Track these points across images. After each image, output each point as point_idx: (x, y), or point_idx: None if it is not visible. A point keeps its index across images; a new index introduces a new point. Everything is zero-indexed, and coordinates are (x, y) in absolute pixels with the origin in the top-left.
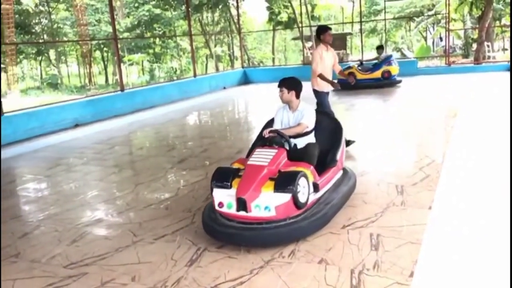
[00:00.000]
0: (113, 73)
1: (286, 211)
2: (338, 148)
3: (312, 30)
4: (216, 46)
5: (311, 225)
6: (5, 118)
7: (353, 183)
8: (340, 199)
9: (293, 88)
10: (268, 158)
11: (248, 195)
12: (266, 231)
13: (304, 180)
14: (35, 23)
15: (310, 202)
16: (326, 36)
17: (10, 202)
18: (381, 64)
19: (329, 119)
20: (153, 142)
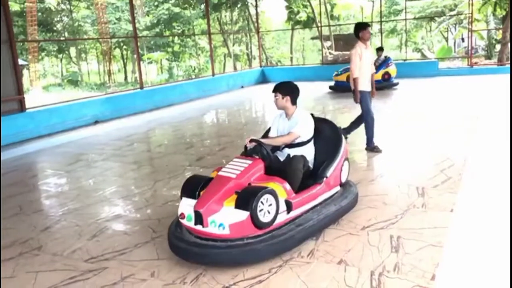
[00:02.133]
0: (132, 71)
1: (242, 231)
2: (331, 163)
3: (331, 30)
4: (234, 45)
5: (268, 249)
6: (27, 114)
7: (347, 203)
8: (321, 220)
9: (288, 94)
10: (239, 170)
11: (206, 209)
12: (216, 250)
13: (271, 197)
14: (56, 21)
15: (281, 221)
16: (365, 34)
17: (32, 196)
18: (381, 66)
19: (330, 129)
20: (172, 139)
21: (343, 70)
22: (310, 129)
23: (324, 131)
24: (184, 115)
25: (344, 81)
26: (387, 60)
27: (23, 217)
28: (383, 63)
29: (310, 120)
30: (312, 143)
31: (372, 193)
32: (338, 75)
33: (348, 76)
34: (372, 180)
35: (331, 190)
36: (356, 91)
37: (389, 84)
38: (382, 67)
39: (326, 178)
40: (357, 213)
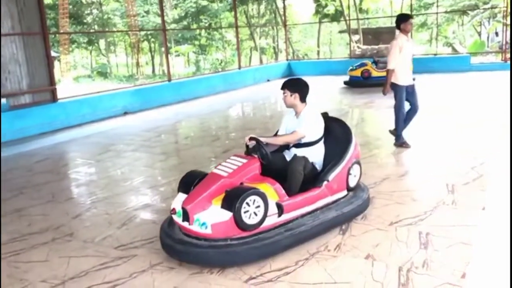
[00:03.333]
0: (160, 63)
1: (225, 231)
2: (335, 166)
3: (359, 23)
4: (261, 38)
5: (249, 252)
6: (59, 104)
7: (350, 209)
8: (315, 226)
9: (296, 91)
10: (232, 169)
11: (192, 206)
12: (197, 249)
13: (258, 199)
14: (87, 14)
15: (270, 224)
16: (407, 25)
17: (64, 184)
18: None
19: (341, 130)
20: (198, 132)
21: (358, 65)
22: (317, 129)
23: (335, 131)
24: (210, 108)
25: (359, 76)
26: None
27: (55, 204)
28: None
29: (318, 120)
30: (321, 144)
31: (400, 189)
32: (353, 70)
33: (362, 71)
34: (401, 176)
35: (335, 195)
36: (386, 83)
37: None
38: None
39: (328, 182)
40: (385, 209)
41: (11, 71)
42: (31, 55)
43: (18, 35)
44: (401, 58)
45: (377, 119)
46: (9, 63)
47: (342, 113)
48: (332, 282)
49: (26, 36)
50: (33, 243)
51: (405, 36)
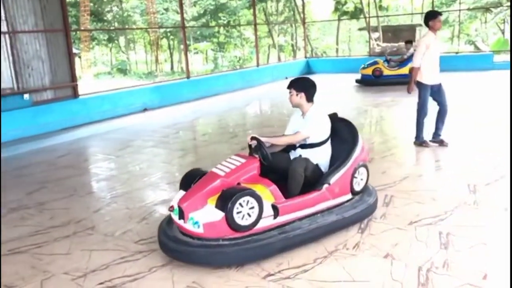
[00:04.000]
0: (178, 60)
1: (216, 231)
2: (338, 169)
3: (379, 21)
4: (279, 35)
5: (238, 254)
6: (80, 100)
7: (352, 214)
8: (312, 230)
9: (302, 90)
10: (230, 168)
11: (187, 204)
12: (188, 247)
13: (253, 200)
14: (107, 11)
15: (265, 226)
16: (436, 23)
17: (85, 179)
18: (408, 60)
19: (348, 131)
20: (216, 129)
21: (370, 64)
22: (323, 130)
23: (342, 133)
24: (228, 105)
25: (370, 75)
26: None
27: (77, 198)
28: (412, 57)
29: (324, 121)
30: (328, 145)
31: (420, 188)
32: (365, 69)
33: (374, 69)
34: (421, 175)
35: (337, 198)
36: (411, 81)
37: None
38: (410, 61)
39: (329, 185)
40: (405, 208)
41: (34, 67)
42: (53, 52)
43: (41, 32)
44: (428, 56)
45: (397, 117)
46: (33, 59)
47: (360, 111)
48: (350, 280)
49: (48, 33)
50: (56, 236)
51: (434, 34)
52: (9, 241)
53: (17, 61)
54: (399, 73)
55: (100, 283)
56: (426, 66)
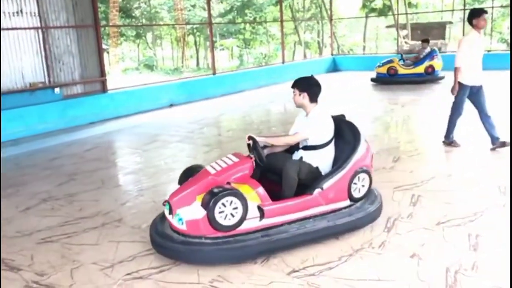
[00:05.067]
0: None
1: (198, 229)
2: (333, 174)
3: (408, 18)
4: (305, 32)
5: (217, 254)
6: (108, 95)
7: (345, 222)
8: (298, 235)
9: (305, 90)
10: (222, 167)
11: (176, 200)
12: (171, 243)
13: (236, 200)
14: (135, 8)
15: (250, 227)
16: (480, 21)
17: (113, 172)
18: (424, 59)
19: (352, 135)
20: (241, 125)
21: (385, 62)
22: (323, 132)
23: (346, 135)
24: (253, 102)
25: (385, 73)
26: (432, 53)
27: (105, 190)
28: (428, 56)
29: (325, 122)
30: (330, 148)
31: (448, 188)
32: (380, 67)
33: (388, 68)
34: (449, 175)
35: (332, 204)
36: (454, 81)
37: (433, 77)
38: (426, 60)
39: (322, 190)
40: (432, 208)
41: (65, 62)
42: (83, 47)
43: (72, 27)
44: (470, 56)
45: (424, 116)
46: (64, 54)
47: (387, 109)
48: (376, 279)
49: (79, 28)
50: (85, 227)
51: (477, 33)
52: (41, 231)
53: (49, 56)
54: (414, 72)
55: (127, 274)
56: (467, 66)
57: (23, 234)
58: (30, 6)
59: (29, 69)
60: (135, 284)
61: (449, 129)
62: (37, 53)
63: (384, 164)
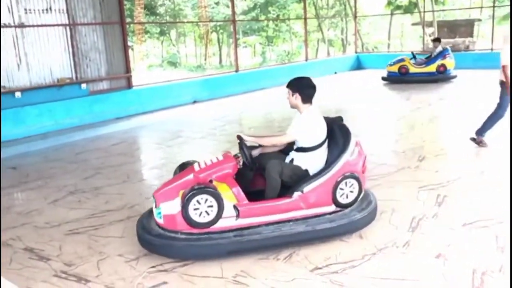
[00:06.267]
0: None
1: (174, 224)
2: (315, 177)
3: (434, 15)
4: (329, 30)
5: (187, 250)
6: (133, 91)
7: (325, 228)
8: (271, 238)
9: (297, 91)
10: (206, 164)
11: (159, 194)
12: (148, 236)
13: (211, 198)
14: (160, 5)
15: (226, 226)
16: None
17: (138, 166)
18: (436, 58)
19: (343, 139)
20: (263, 122)
21: (396, 61)
22: (312, 134)
23: (337, 138)
24: (275, 99)
25: (396, 72)
26: (443, 52)
27: (130, 184)
28: (439, 55)
29: (315, 125)
30: (321, 151)
31: (475, 189)
32: (391, 66)
33: (400, 66)
34: (476, 176)
35: (313, 208)
36: (506, 81)
37: (445, 76)
38: (438, 59)
39: (302, 194)
40: (459, 209)
41: (92, 58)
42: (109, 44)
43: (99, 24)
44: None
45: (450, 115)
46: (90, 50)
47: (413, 108)
48: (400, 278)
49: (106, 25)
50: (111, 220)
51: None
52: (69, 222)
53: (76, 52)
54: (426, 71)
55: (152, 267)
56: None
57: (52, 225)
58: (59, 4)
59: (57, 65)
60: (160, 276)
61: (484, 126)
62: (65, 49)
63: (409, 164)
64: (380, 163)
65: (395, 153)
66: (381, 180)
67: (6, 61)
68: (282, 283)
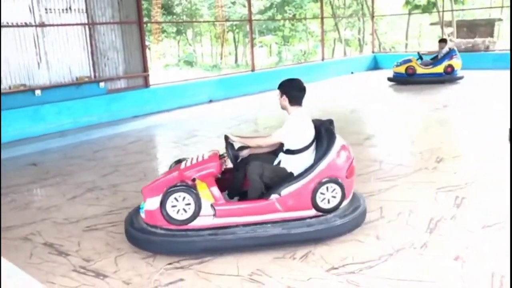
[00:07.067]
0: (243, 53)
1: (153, 219)
2: (294, 181)
3: (453, 15)
4: (346, 29)
5: (161, 245)
6: (150, 90)
7: (302, 232)
8: (245, 239)
9: (285, 92)
10: (191, 163)
11: (146, 190)
12: (131, 229)
13: (188, 196)
14: (176, 5)
15: (205, 224)
16: None
17: (154, 164)
18: (443, 58)
19: (327, 141)
20: (279, 122)
21: (402, 61)
22: (298, 136)
23: (323, 142)
24: None
25: (403, 73)
26: (450, 52)
27: (146, 182)
28: (446, 56)
29: (301, 128)
30: (306, 155)
31: (494, 191)
32: (398, 66)
33: (407, 67)
34: (495, 178)
35: (292, 212)
36: None
37: (452, 77)
38: (445, 60)
39: (279, 196)
40: (478, 211)
41: (110, 57)
42: (127, 43)
43: (117, 23)
44: None
45: (467, 116)
46: (108, 49)
47: (428, 109)
48: (417, 280)
49: (124, 24)
50: None
51: None
52: (87, 218)
53: (94, 51)
54: (433, 72)
55: (168, 263)
56: None
57: (71, 221)
58: (79, 3)
59: (76, 63)
60: (176, 273)
61: None
62: (83, 48)
63: (426, 165)
64: (397, 164)
65: (412, 154)
66: (398, 181)
67: (27, 60)
68: (298, 282)
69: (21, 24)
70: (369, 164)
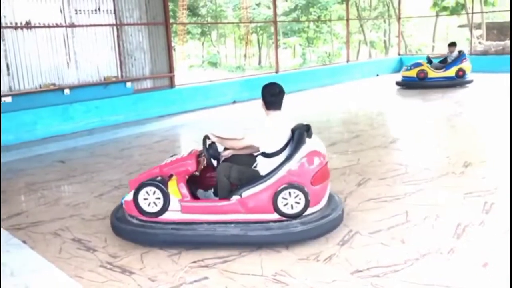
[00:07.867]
0: (267, 55)
1: (130, 210)
2: (255, 183)
3: (483, 17)
4: (371, 31)
5: (130, 234)
6: (176, 90)
7: (259, 235)
8: (202, 236)
9: (262, 97)
10: (171, 160)
11: (132, 182)
12: (113, 218)
13: (158, 191)
14: (201, 6)
15: (174, 218)
16: None
17: None
18: (455, 62)
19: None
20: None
21: (413, 65)
22: (271, 140)
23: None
24: (315, 101)
25: (413, 77)
26: (461, 56)
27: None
28: (457, 59)
29: (276, 132)
30: (282, 157)
31: None
32: (408, 70)
33: (418, 71)
34: None
35: (254, 214)
36: None
37: (463, 81)
38: (456, 64)
39: (240, 198)
40: (508, 217)
41: (137, 57)
42: (154, 44)
43: (144, 24)
44: None
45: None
46: (135, 50)
47: (450, 113)
48: (444, 285)
49: (151, 25)
50: None
51: None
52: None
53: (122, 52)
54: (445, 76)
55: (193, 262)
56: None
57: (98, 218)
58: (107, 4)
59: (104, 63)
60: (201, 271)
61: None
62: (111, 48)
63: (453, 169)
64: (423, 168)
65: (439, 158)
66: (425, 185)
67: (57, 60)
68: (322, 284)
69: (52, 24)
70: (395, 167)
